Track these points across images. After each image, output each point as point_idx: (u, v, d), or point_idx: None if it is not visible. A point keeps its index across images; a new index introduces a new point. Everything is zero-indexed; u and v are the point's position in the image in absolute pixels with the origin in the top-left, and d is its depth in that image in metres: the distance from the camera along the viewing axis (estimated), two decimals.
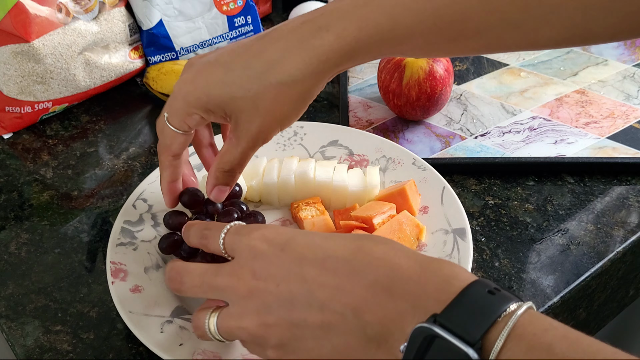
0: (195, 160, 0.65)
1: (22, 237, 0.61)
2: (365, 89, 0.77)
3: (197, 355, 0.48)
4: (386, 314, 0.34)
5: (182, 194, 0.55)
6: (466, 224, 0.56)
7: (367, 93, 0.77)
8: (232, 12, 0.81)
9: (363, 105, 0.75)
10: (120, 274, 0.53)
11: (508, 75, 0.79)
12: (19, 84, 0.71)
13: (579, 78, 0.78)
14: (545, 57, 0.82)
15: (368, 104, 0.75)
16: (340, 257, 0.36)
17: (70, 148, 0.73)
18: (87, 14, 0.73)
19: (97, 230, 0.62)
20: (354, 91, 0.77)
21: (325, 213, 0.59)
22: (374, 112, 0.73)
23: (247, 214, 0.55)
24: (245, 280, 0.39)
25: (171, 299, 0.53)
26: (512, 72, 0.79)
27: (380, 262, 0.36)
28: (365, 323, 0.34)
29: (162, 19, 0.78)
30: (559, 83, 0.77)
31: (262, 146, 0.48)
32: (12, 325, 0.53)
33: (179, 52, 0.80)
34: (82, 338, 0.52)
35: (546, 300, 0.53)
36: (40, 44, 0.69)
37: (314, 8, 0.85)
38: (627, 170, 0.65)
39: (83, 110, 0.78)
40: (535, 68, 0.80)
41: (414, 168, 0.62)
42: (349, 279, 0.35)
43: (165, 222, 0.55)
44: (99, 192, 0.66)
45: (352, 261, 0.36)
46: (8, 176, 0.69)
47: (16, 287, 0.56)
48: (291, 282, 0.37)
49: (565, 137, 0.68)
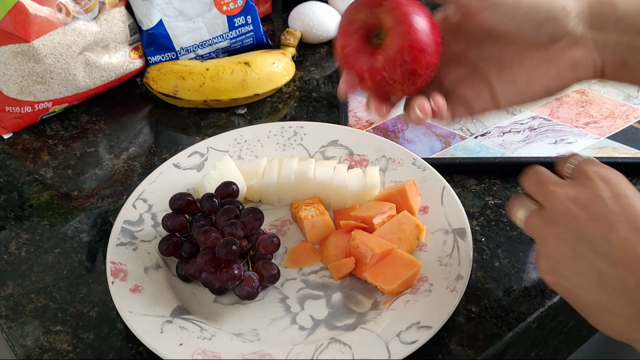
0: (195, 161, 0.65)
1: (22, 237, 0.61)
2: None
3: (197, 355, 0.48)
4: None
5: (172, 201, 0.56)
6: (466, 224, 0.56)
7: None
8: (232, 12, 0.81)
9: (363, 105, 0.75)
10: (120, 274, 0.53)
11: None
12: (19, 84, 0.71)
13: None
14: None
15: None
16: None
17: (70, 148, 0.73)
18: (87, 14, 0.73)
19: (97, 230, 0.62)
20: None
21: (325, 213, 0.59)
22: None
23: (247, 211, 0.55)
24: (574, 209, 0.40)
25: (171, 299, 0.53)
26: None
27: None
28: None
29: (162, 19, 0.78)
30: None
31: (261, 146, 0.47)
32: (12, 325, 0.53)
33: (179, 52, 0.80)
34: (82, 338, 0.52)
35: (546, 300, 0.53)
36: (40, 44, 0.69)
37: (314, 8, 0.85)
38: (627, 170, 0.65)
39: (83, 110, 0.78)
40: None
41: (414, 168, 0.62)
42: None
43: (164, 224, 0.55)
44: (99, 192, 0.66)
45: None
46: (8, 176, 0.69)
47: (16, 287, 0.56)
48: (612, 233, 0.38)
49: (565, 137, 0.68)
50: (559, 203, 0.41)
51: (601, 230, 0.39)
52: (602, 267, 0.38)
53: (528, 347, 0.56)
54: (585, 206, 0.40)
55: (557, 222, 0.41)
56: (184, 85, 0.75)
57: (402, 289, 0.52)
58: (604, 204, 0.39)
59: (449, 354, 0.50)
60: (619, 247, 0.38)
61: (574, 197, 0.41)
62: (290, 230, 0.60)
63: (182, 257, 0.55)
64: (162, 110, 0.78)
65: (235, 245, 0.51)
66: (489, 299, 0.54)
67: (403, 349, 0.47)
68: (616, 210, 0.39)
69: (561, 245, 0.40)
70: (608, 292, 0.38)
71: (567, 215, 0.40)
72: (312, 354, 0.48)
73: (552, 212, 0.41)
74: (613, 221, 0.39)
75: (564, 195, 0.41)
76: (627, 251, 0.38)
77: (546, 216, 0.42)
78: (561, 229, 0.40)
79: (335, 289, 0.54)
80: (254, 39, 0.84)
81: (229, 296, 0.54)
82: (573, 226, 0.40)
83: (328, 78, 0.81)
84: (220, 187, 0.58)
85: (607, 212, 0.39)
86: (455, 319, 0.52)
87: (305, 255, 0.57)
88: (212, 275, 0.52)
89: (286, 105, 0.77)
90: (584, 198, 0.40)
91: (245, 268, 0.54)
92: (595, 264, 0.39)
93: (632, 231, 0.38)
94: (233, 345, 0.50)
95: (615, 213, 0.39)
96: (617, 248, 0.38)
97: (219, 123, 0.75)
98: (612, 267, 0.38)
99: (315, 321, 0.52)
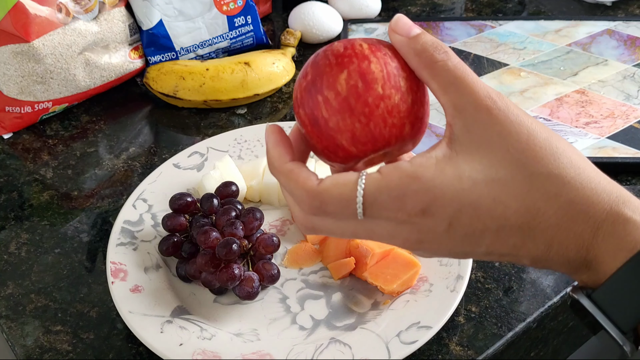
0: (195, 161, 0.65)
1: (22, 237, 0.61)
2: None
3: (197, 355, 0.48)
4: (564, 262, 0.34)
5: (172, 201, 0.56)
6: None
7: None
8: (232, 12, 0.80)
9: None
10: (120, 274, 0.53)
11: (508, 75, 0.79)
12: (19, 84, 0.71)
13: (579, 78, 0.78)
14: (545, 57, 0.82)
15: None
16: (514, 225, 0.33)
17: (70, 148, 0.73)
18: (87, 14, 0.73)
19: (97, 230, 0.62)
20: None
21: None
22: None
23: (246, 211, 0.55)
24: (409, 243, 0.35)
25: (171, 299, 0.53)
26: (512, 72, 0.79)
27: (554, 229, 0.33)
28: (544, 266, 0.35)
29: (162, 19, 0.78)
30: (559, 83, 0.77)
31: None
32: (12, 326, 0.53)
33: (179, 52, 0.80)
34: (82, 338, 0.52)
35: (546, 300, 0.53)
36: (40, 44, 0.69)
37: (314, 8, 0.85)
38: (627, 170, 0.65)
39: (83, 110, 0.78)
40: (535, 68, 0.80)
41: None
42: (525, 242, 0.34)
43: (164, 224, 0.55)
44: (99, 192, 0.66)
45: (527, 229, 0.34)
46: (8, 176, 0.69)
47: (16, 287, 0.56)
48: (466, 247, 0.35)
49: (565, 137, 0.68)
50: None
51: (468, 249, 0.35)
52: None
53: (528, 347, 0.56)
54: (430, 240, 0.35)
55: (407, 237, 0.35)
56: (184, 85, 0.75)
57: (402, 289, 0.52)
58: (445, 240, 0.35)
59: (449, 354, 0.50)
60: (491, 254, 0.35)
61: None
62: (290, 230, 0.60)
63: (182, 257, 0.55)
64: (162, 110, 0.78)
65: (235, 245, 0.51)
66: (489, 299, 0.54)
67: (403, 349, 0.47)
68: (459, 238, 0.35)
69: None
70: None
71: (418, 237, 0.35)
72: (312, 354, 0.48)
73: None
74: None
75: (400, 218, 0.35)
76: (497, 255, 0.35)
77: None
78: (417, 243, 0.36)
79: (335, 289, 0.54)
80: (254, 39, 0.84)
81: (229, 296, 0.54)
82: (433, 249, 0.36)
83: None
84: (220, 187, 0.58)
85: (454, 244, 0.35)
86: (455, 319, 0.52)
87: (305, 255, 0.57)
88: (212, 275, 0.52)
89: (286, 105, 0.77)
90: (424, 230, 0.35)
91: (245, 268, 0.54)
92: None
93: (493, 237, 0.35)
94: (233, 345, 0.49)
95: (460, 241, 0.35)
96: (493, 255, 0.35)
97: (219, 123, 0.75)
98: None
99: (315, 321, 0.52)
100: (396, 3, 0.96)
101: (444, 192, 0.33)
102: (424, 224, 0.34)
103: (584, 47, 0.83)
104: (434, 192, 0.33)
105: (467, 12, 0.95)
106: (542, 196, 0.33)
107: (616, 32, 0.85)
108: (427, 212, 0.33)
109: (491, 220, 0.33)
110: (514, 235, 0.34)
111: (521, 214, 0.33)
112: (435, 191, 0.33)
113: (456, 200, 0.33)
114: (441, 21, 0.89)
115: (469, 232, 0.34)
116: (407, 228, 0.34)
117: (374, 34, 0.87)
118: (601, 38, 0.84)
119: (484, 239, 0.34)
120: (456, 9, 0.96)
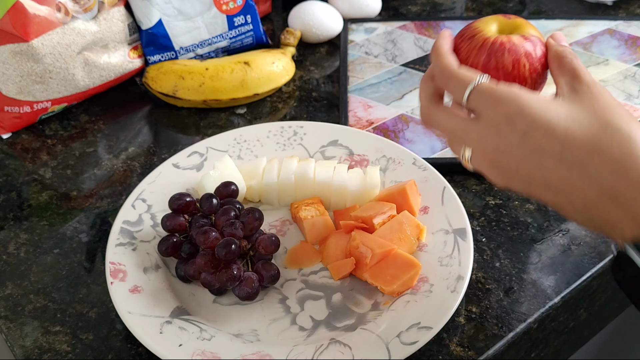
0: (194, 161, 0.65)
1: (21, 237, 0.61)
2: (365, 89, 0.77)
3: (197, 355, 0.48)
4: (609, 219, 0.39)
5: (171, 202, 0.56)
6: (467, 224, 0.56)
7: (367, 93, 0.77)
8: (231, 12, 0.80)
9: (363, 105, 0.74)
10: (120, 274, 0.53)
11: None
12: (18, 83, 0.70)
13: None
14: None
15: (368, 103, 0.75)
16: (576, 157, 0.39)
17: (69, 148, 0.72)
18: (86, 13, 0.73)
19: (96, 231, 0.62)
20: (354, 91, 0.77)
21: (325, 213, 0.58)
22: (374, 112, 0.73)
23: (246, 211, 0.55)
24: (488, 151, 0.43)
25: (170, 300, 0.53)
26: None
27: (610, 168, 0.39)
28: (591, 217, 0.40)
29: (162, 18, 0.77)
30: None
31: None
32: (11, 326, 0.53)
33: (179, 51, 0.80)
34: (81, 339, 0.52)
35: (547, 300, 0.53)
36: (39, 43, 0.69)
37: (314, 8, 0.85)
38: None
39: (82, 110, 0.78)
40: None
41: (415, 168, 0.62)
42: (582, 180, 0.39)
43: (163, 224, 0.55)
44: (98, 192, 0.66)
45: (586, 163, 0.39)
46: (7, 176, 0.69)
47: (15, 287, 0.56)
48: (530, 168, 0.41)
49: None
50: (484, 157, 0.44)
51: (534, 173, 0.41)
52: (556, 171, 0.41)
53: (529, 348, 0.56)
54: (508, 156, 0.42)
55: (495, 173, 0.44)
56: (183, 85, 0.75)
57: (403, 290, 0.52)
58: (519, 151, 0.41)
59: (450, 355, 0.50)
60: (554, 178, 0.41)
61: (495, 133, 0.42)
62: (290, 230, 0.60)
63: (181, 258, 0.55)
64: (161, 110, 0.77)
65: (234, 245, 0.51)
66: (490, 300, 0.53)
67: (403, 349, 0.47)
68: (531, 150, 0.41)
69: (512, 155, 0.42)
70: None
71: (498, 166, 0.43)
72: (312, 354, 0.48)
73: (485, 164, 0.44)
74: (537, 161, 0.41)
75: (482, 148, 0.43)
76: (559, 180, 0.40)
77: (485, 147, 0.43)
78: (503, 176, 0.43)
79: (335, 290, 0.54)
80: (253, 38, 0.83)
81: (229, 297, 0.54)
82: (510, 175, 0.42)
83: (328, 78, 0.81)
84: (220, 187, 0.58)
85: (527, 155, 0.41)
86: (455, 320, 0.52)
87: (305, 255, 0.57)
88: (212, 275, 0.51)
89: (286, 105, 0.77)
90: (501, 148, 0.42)
91: (245, 268, 0.54)
92: (543, 198, 0.42)
93: (556, 160, 0.40)
94: (233, 346, 0.49)
95: (532, 153, 0.41)
96: (553, 180, 0.41)
97: (218, 123, 0.75)
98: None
99: (315, 322, 0.52)
100: (396, 2, 0.96)
101: (530, 108, 0.40)
102: (504, 129, 0.41)
103: (585, 46, 0.83)
104: (522, 105, 0.41)
105: (468, 11, 0.95)
106: (608, 141, 0.39)
107: (617, 31, 0.85)
108: (510, 119, 0.41)
109: (558, 144, 0.39)
110: (571, 169, 0.39)
111: (585, 149, 0.39)
112: (522, 105, 0.41)
113: (536, 117, 0.40)
114: (442, 20, 0.88)
115: (536, 148, 0.40)
116: (491, 132, 0.42)
117: (374, 33, 0.87)
118: (602, 38, 0.84)
119: (546, 161, 0.40)
120: (457, 9, 0.96)
